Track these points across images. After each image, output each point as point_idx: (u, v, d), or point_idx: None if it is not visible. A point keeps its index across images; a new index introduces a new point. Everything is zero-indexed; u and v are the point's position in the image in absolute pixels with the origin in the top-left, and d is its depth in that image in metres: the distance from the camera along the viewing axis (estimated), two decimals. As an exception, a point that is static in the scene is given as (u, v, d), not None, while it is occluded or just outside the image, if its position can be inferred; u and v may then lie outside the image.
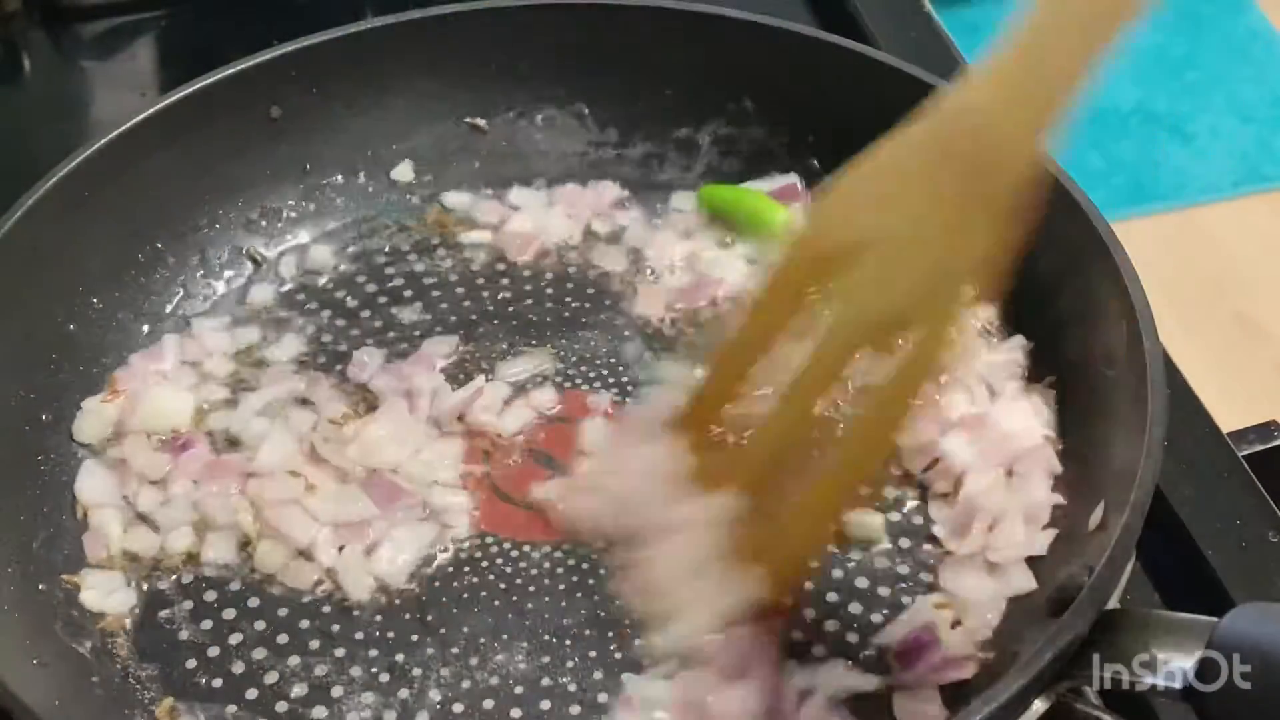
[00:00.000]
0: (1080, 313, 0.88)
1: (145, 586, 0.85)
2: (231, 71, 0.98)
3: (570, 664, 0.81)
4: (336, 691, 0.80)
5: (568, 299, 0.98)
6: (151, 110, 0.95)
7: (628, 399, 0.92)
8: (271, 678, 0.81)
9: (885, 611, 0.82)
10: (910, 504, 0.87)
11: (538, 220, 1.02)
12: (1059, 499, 0.84)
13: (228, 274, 1.00)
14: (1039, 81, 0.67)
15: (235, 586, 0.84)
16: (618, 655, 0.81)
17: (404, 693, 0.80)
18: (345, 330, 0.97)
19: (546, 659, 0.81)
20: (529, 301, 0.98)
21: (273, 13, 1.23)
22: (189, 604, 0.84)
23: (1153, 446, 0.77)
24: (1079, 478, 0.84)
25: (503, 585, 0.84)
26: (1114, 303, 0.84)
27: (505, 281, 0.99)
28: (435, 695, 0.80)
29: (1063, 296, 0.90)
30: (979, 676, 0.78)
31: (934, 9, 1.23)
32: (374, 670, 0.81)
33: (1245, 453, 0.94)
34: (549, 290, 0.99)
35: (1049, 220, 0.90)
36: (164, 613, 0.84)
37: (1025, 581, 0.82)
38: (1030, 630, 0.78)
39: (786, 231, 0.76)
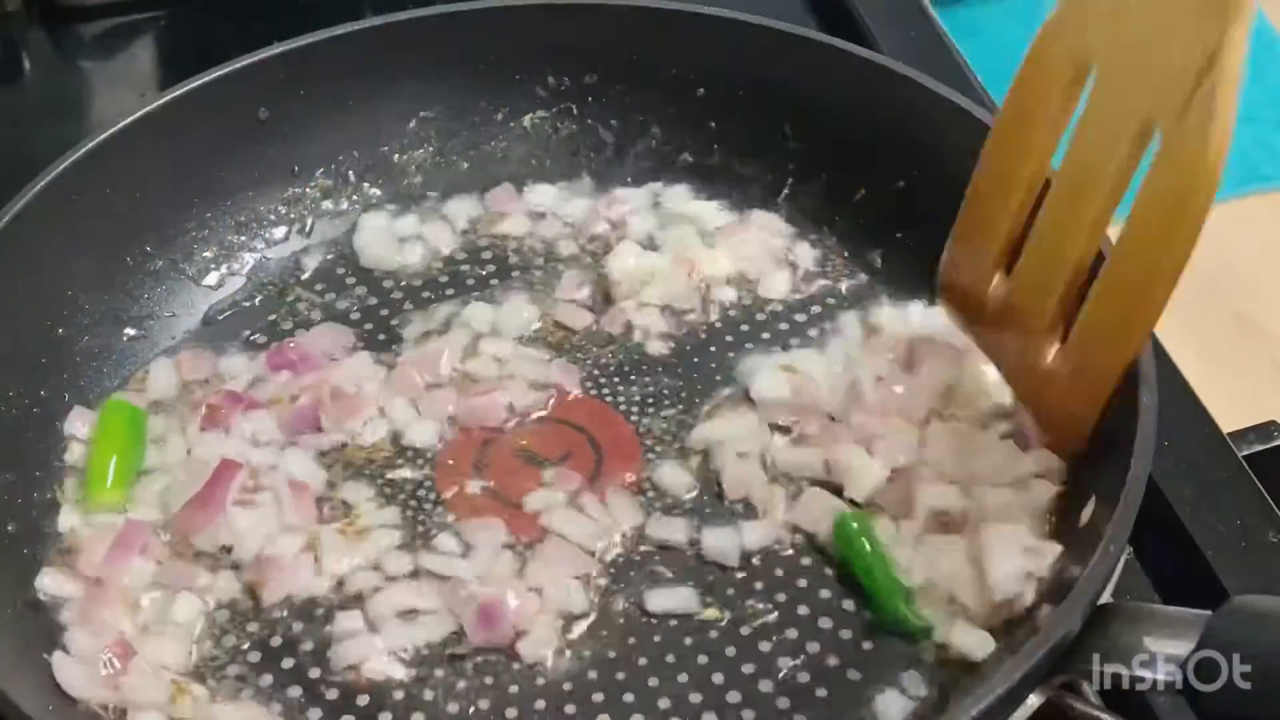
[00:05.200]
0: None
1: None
2: (218, 74, 0.98)
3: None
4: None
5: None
6: (138, 114, 0.96)
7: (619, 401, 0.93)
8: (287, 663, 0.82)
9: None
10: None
11: (525, 221, 1.03)
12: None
13: (215, 277, 1.00)
14: None
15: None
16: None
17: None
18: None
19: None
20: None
21: (273, 13, 1.23)
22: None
23: (1144, 439, 0.77)
24: (1072, 473, 0.84)
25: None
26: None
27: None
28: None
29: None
30: (974, 673, 0.79)
31: (934, 9, 1.23)
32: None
33: (1245, 453, 0.94)
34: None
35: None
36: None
37: None
38: (1023, 626, 0.79)
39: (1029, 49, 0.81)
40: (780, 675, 0.80)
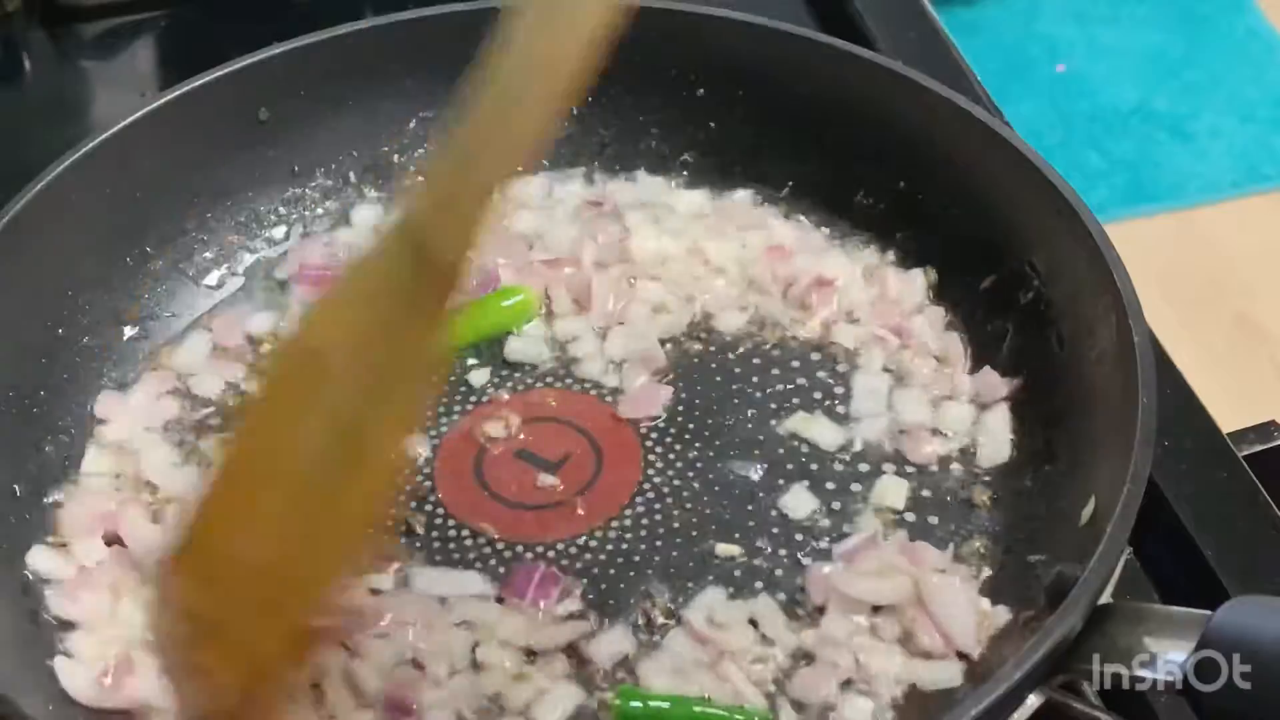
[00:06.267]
0: (1070, 310, 0.88)
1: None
2: (219, 74, 0.98)
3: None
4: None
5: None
6: (138, 114, 0.95)
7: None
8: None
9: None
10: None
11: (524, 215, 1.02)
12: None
13: (215, 277, 1.00)
14: (459, 200, 0.70)
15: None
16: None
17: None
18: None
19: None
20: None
21: (273, 13, 1.23)
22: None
23: (1144, 438, 0.77)
24: (1071, 473, 0.84)
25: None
26: (1103, 298, 0.84)
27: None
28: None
29: (1053, 293, 0.90)
30: (972, 673, 0.79)
31: (934, 9, 1.23)
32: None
33: (1245, 453, 0.94)
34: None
35: (1039, 219, 0.90)
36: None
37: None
38: (1023, 627, 0.79)
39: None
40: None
